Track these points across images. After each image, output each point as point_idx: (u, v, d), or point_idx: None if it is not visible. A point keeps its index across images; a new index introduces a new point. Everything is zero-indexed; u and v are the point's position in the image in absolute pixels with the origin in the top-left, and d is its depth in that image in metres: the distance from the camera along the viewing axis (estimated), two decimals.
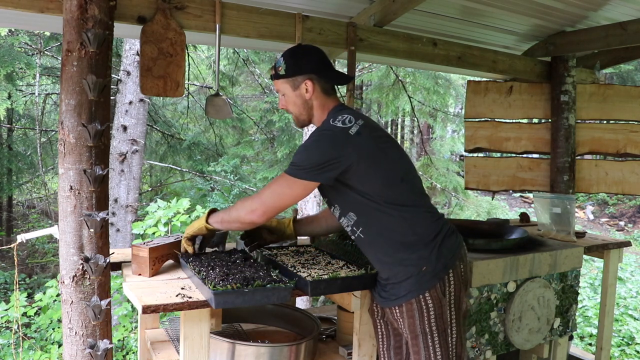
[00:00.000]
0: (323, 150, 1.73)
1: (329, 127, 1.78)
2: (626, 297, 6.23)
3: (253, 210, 1.79)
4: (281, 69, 1.87)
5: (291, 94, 1.89)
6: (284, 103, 1.93)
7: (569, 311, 2.62)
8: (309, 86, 1.86)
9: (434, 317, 1.78)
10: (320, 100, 1.89)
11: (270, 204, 1.78)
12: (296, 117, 1.94)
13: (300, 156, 1.75)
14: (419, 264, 1.77)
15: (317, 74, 1.87)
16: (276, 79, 1.90)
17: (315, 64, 1.87)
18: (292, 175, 1.74)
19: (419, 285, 1.76)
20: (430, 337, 1.79)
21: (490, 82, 3.98)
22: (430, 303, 1.77)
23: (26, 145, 8.13)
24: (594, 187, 3.90)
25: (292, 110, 1.92)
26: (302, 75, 1.86)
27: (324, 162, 1.71)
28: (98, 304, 1.90)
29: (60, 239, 1.94)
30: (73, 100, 1.88)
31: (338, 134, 1.74)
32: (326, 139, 1.75)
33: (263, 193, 1.79)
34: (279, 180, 1.77)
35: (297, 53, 1.89)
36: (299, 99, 1.89)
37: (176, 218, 4.27)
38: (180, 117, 9.44)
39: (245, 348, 1.98)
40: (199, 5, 2.45)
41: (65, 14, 1.90)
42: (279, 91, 1.93)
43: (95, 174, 1.89)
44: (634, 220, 13.29)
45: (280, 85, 1.90)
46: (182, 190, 10.01)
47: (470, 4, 3.10)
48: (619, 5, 3.25)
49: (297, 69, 1.86)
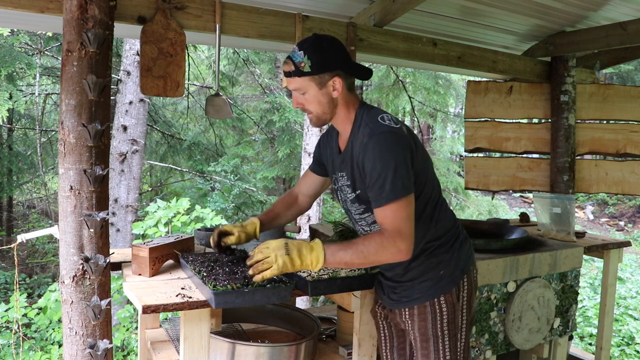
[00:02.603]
0: (402, 156, 1.59)
1: (389, 129, 1.62)
2: (626, 297, 6.23)
3: (400, 251, 1.55)
4: (304, 65, 1.65)
5: (316, 93, 1.69)
6: (302, 102, 1.72)
7: (568, 311, 2.62)
8: (337, 84, 1.68)
9: (447, 322, 1.76)
10: (346, 97, 1.73)
11: (410, 234, 1.57)
12: (317, 117, 1.75)
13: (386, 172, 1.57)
14: (437, 268, 1.75)
15: (344, 70, 1.70)
16: (297, 77, 1.67)
17: (342, 59, 1.70)
18: (401, 198, 1.56)
19: (435, 289, 1.75)
20: (442, 341, 1.77)
21: (490, 82, 3.98)
22: (445, 307, 1.75)
23: (26, 145, 8.13)
24: (594, 187, 3.90)
25: (314, 109, 1.72)
26: (330, 72, 1.67)
27: (407, 167, 1.59)
28: (98, 304, 1.90)
29: (61, 239, 1.94)
30: (73, 100, 1.88)
31: (399, 134, 1.62)
32: (397, 142, 1.60)
33: (398, 227, 1.56)
34: (397, 210, 1.56)
35: (321, 47, 1.68)
36: (325, 97, 1.70)
37: (176, 218, 4.27)
38: (181, 117, 9.44)
39: (245, 348, 1.98)
40: (199, 5, 2.45)
41: (66, 14, 1.90)
42: (298, 89, 1.70)
43: (95, 174, 1.89)
44: (633, 220, 13.29)
45: (302, 83, 1.68)
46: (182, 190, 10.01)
47: (470, 4, 3.10)
48: (619, 5, 3.25)
49: (325, 66, 1.66)
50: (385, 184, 1.55)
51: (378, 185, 1.57)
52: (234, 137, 10.50)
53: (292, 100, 1.77)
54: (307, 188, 2.06)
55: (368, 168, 1.60)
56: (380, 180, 1.56)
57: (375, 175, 1.58)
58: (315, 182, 2.03)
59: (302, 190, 2.07)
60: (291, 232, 2.61)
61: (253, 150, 10.28)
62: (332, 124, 1.80)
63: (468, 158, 4.03)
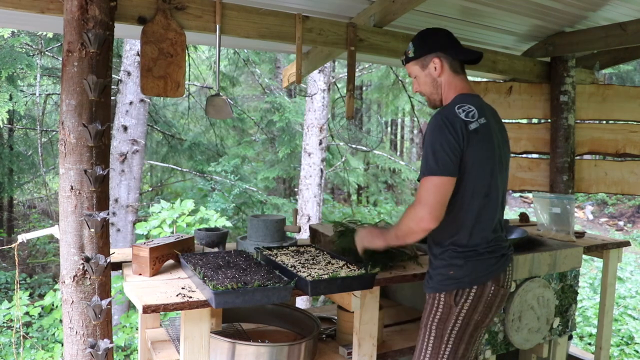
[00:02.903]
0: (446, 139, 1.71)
1: (451, 115, 1.75)
2: (626, 296, 6.23)
3: (421, 218, 1.70)
4: (410, 52, 1.91)
5: (421, 75, 1.91)
6: (417, 86, 1.95)
7: (568, 311, 2.63)
8: (436, 64, 1.87)
9: (438, 319, 1.83)
10: (449, 78, 1.88)
11: (433, 203, 1.70)
12: (428, 98, 1.95)
13: (427, 149, 1.73)
14: (448, 267, 1.82)
15: (444, 51, 1.87)
16: (407, 63, 1.94)
17: (442, 41, 1.88)
18: (435, 175, 1.70)
19: (440, 284, 1.83)
20: (427, 335, 1.85)
21: (490, 82, 3.99)
22: (441, 305, 1.83)
23: (27, 146, 8.13)
24: (594, 187, 3.90)
25: (425, 90, 1.93)
26: (430, 54, 1.87)
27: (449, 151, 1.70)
28: (99, 303, 1.90)
29: (61, 239, 1.94)
30: (74, 101, 1.89)
31: (457, 125, 1.72)
32: (446, 129, 1.72)
33: (423, 197, 1.71)
34: (428, 184, 1.71)
35: (423, 34, 1.92)
36: (429, 78, 1.90)
37: (181, 219, 4.27)
38: (181, 118, 9.44)
39: (245, 348, 1.98)
40: (199, 5, 2.45)
41: (66, 14, 1.91)
42: (411, 75, 1.96)
43: (95, 174, 1.90)
44: (633, 220, 13.28)
45: (411, 68, 1.93)
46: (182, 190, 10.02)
47: (470, 4, 3.10)
48: (618, 5, 3.25)
49: (424, 49, 1.88)
50: (428, 160, 1.71)
51: (423, 160, 1.74)
52: (235, 137, 10.50)
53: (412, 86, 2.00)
54: None
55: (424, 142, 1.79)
56: (426, 155, 1.73)
57: (424, 148, 1.75)
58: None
59: None
60: (291, 231, 2.61)
61: (253, 150, 10.28)
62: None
63: None
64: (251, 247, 2.36)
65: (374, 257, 2.17)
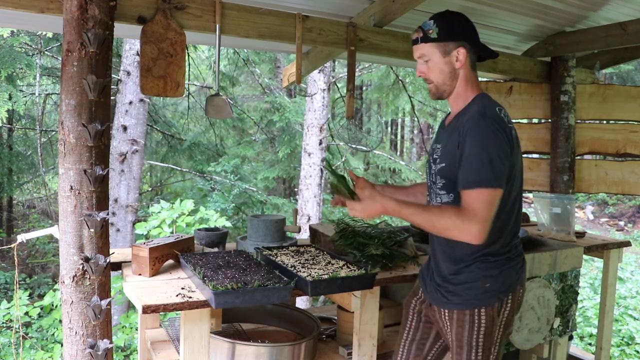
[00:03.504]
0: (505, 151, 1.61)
1: (499, 119, 1.65)
2: (626, 296, 6.23)
3: (472, 233, 1.57)
4: (432, 32, 1.71)
5: (439, 61, 1.73)
6: (425, 70, 1.77)
7: (568, 311, 2.62)
8: (461, 54, 1.72)
9: (483, 334, 1.74)
10: (467, 73, 1.76)
11: (487, 220, 1.58)
12: (436, 87, 1.78)
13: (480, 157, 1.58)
14: (484, 280, 1.73)
15: (470, 43, 1.74)
16: (424, 42, 1.73)
17: (470, 31, 1.75)
18: (492, 187, 1.58)
19: (477, 299, 1.73)
20: (475, 352, 1.75)
21: (490, 82, 3.98)
22: (484, 319, 1.73)
23: (27, 146, 8.13)
24: (594, 187, 3.90)
25: (435, 78, 1.76)
26: (456, 42, 1.72)
27: (506, 163, 1.61)
28: (98, 304, 1.90)
29: (61, 239, 1.94)
30: (73, 101, 1.88)
31: (507, 130, 1.64)
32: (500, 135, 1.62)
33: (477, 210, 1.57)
34: (484, 195, 1.58)
35: (450, 17, 1.74)
36: (447, 66, 1.73)
37: (181, 219, 4.26)
38: (181, 118, 9.44)
39: (245, 348, 1.98)
40: (199, 5, 2.45)
41: (66, 14, 1.90)
42: (423, 56, 1.76)
43: (95, 174, 1.90)
44: (633, 220, 13.29)
45: (427, 50, 1.74)
46: (182, 190, 10.01)
47: (471, 3, 3.10)
48: (618, 5, 3.25)
49: (451, 34, 1.71)
50: (483, 168, 1.57)
51: (474, 166, 1.59)
52: (234, 137, 10.50)
53: (416, 69, 1.82)
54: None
55: (467, 147, 1.61)
56: (473, 162, 1.59)
57: (470, 156, 1.60)
58: None
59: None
60: (291, 231, 2.61)
61: (253, 150, 10.27)
62: (448, 100, 1.80)
63: None
64: (251, 247, 2.35)
65: (373, 257, 2.17)
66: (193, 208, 4.42)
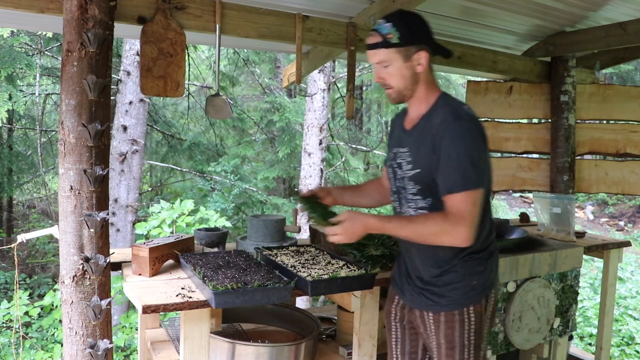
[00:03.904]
0: (484, 151, 1.61)
1: (474, 119, 1.64)
2: (626, 296, 6.22)
3: (461, 236, 1.57)
4: (392, 36, 1.64)
5: (400, 66, 1.68)
6: (384, 76, 1.71)
7: (568, 311, 2.62)
8: (423, 58, 1.68)
9: (474, 331, 1.75)
10: (428, 76, 1.73)
11: (474, 222, 1.59)
12: (397, 92, 1.72)
13: (463, 160, 1.58)
14: (471, 278, 1.73)
15: (430, 46, 1.71)
16: (383, 47, 1.66)
17: (428, 32, 1.71)
18: (476, 189, 1.58)
19: (465, 298, 1.73)
20: (467, 350, 1.75)
21: (490, 82, 3.98)
22: (473, 317, 1.74)
23: (26, 145, 8.12)
24: (594, 187, 3.90)
25: (396, 83, 1.70)
26: (417, 46, 1.67)
27: (484, 164, 1.61)
28: (98, 304, 1.90)
29: (61, 239, 1.94)
30: (73, 101, 1.88)
31: (482, 129, 1.63)
32: (478, 135, 1.61)
33: (464, 213, 1.57)
34: (469, 198, 1.57)
35: (409, 20, 1.68)
36: (409, 71, 1.68)
37: (181, 219, 4.26)
38: (181, 118, 9.44)
39: (245, 348, 1.98)
40: (199, 5, 2.45)
41: (66, 14, 1.90)
42: (382, 62, 1.69)
43: (95, 174, 1.90)
44: (633, 220, 13.28)
45: (387, 55, 1.67)
46: (182, 190, 10.00)
47: (470, 4, 3.10)
48: (619, 5, 3.25)
49: (412, 38, 1.66)
50: (465, 170, 1.56)
51: (453, 171, 1.57)
52: (234, 137, 10.49)
53: (374, 75, 1.77)
54: (386, 182, 2.03)
55: (446, 150, 1.59)
56: (456, 165, 1.57)
57: (452, 159, 1.58)
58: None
59: (384, 183, 2.06)
60: (291, 231, 2.61)
61: (253, 150, 10.27)
62: (408, 102, 1.78)
63: None
64: (251, 247, 2.35)
65: (373, 257, 2.17)
66: (193, 208, 4.42)
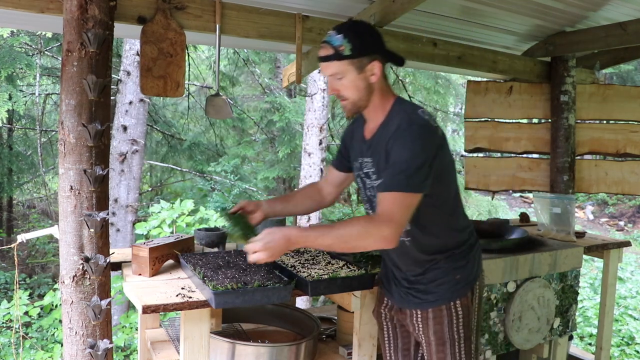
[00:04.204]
0: (430, 154, 1.58)
1: (427, 124, 1.61)
2: (626, 296, 6.23)
3: (385, 237, 1.53)
4: (344, 48, 1.61)
5: (354, 77, 1.65)
6: (338, 87, 1.68)
7: (568, 311, 2.62)
8: (376, 68, 1.66)
9: (462, 325, 1.77)
10: (382, 84, 1.71)
11: (401, 223, 1.55)
12: (353, 103, 1.70)
13: (409, 163, 1.55)
14: (454, 273, 1.76)
15: (382, 55, 1.69)
16: (336, 60, 1.64)
17: (379, 41, 1.69)
18: (411, 192, 1.55)
19: (451, 293, 1.75)
20: (458, 344, 1.77)
21: (490, 82, 3.98)
22: (460, 311, 1.76)
23: (26, 145, 8.12)
24: (594, 187, 3.90)
25: (350, 95, 1.68)
26: (369, 56, 1.65)
27: (430, 168, 1.57)
28: (98, 304, 1.90)
29: (61, 239, 1.94)
30: (73, 101, 1.88)
31: (434, 132, 1.61)
32: (430, 139, 1.60)
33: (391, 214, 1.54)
34: (400, 200, 1.54)
35: (360, 31, 1.66)
36: (363, 82, 1.66)
37: (181, 219, 4.26)
38: (181, 118, 9.44)
39: (245, 348, 1.98)
40: (199, 5, 2.45)
41: (66, 14, 1.90)
42: (335, 74, 1.66)
43: (95, 174, 1.90)
44: (633, 220, 13.28)
45: (340, 67, 1.64)
46: (182, 190, 10.01)
47: (470, 4, 3.10)
48: (619, 5, 3.25)
49: (365, 49, 1.64)
50: (402, 173, 1.54)
51: (395, 172, 1.56)
52: (234, 137, 10.49)
53: (328, 87, 1.77)
54: (330, 182, 2.05)
55: (395, 153, 1.58)
56: (399, 167, 1.55)
57: (398, 160, 1.56)
58: (337, 177, 2.03)
59: (326, 184, 2.06)
60: None
61: (253, 150, 10.27)
62: (364, 112, 1.76)
63: (468, 158, 4.03)
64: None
65: (373, 257, 2.17)
66: (193, 208, 4.42)
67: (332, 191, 2.06)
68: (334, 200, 2.08)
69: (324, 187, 2.07)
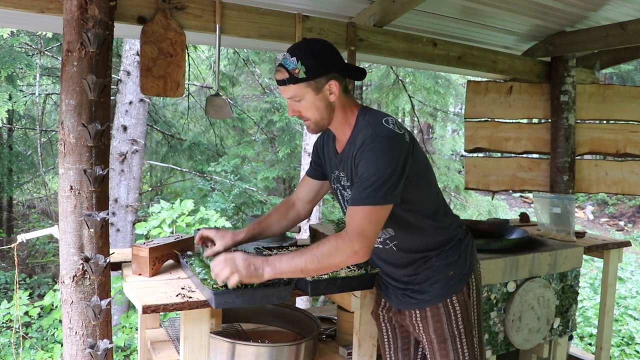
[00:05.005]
0: (397, 163, 1.55)
1: (392, 134, 1.58)
2: (626, 296, 6.23)
3: (356, 252, 1.53)
4: (299, 71, 1.59)
5: (312, 99, 1.64)
6: (298, 109, 1.67)
7: (568, 311, 2.62)
8: (334, 87, 1.64)
9: (461, 320, 1.77)
10: (342, 101, 1.69)
11: (371, 237, 1.56)
12: (315, 123, 1.70)
13: (377, 176, 1.54)
14: (447, 270, 1.76)
15: (339, 72, 1.66)
16: (292, 84, 1.61)
17: (335, 61, 1.65)
18: (378, 205, 1.54)
19: (446, 290, 1.76)
20: (459, 340, 1.78)
21: (490, 82, 3.98)
22: (457, 306, 1.76)
23: (27, 145, 8.13)
24: (594, 187, 3.90)
25: (311, 116, 1.67)
26: (326, 76, 1.62)
27: (398, 176, 1.56)
28: (98, 304, 1.90)
29: (61, 239, 1.94)
30: (73, 101, 1.88)
31: (399, 140, 1.58)
32: (395, 148, 1.57)
33: (360, 229, 1.54)
34: (368, 214, 1.54)
35: (313, 51, 1.63)
36: (322, 102, 1.65)
37: (181, 219, 4.27)
38: (181, 118, 9.44)
39: (245, 348, 1.98)
40: (199, 5, 2.45)
41: (66, 14, 1.90)
42: (294, 97, 1.65)
43: (95, 174, 1.89)
44: (633, 220, 13.28)
45: (297, 90, 1.62)
46: (182, 190, 10.01)
47: (470, 4, 3.10)
48: (619, 5, 3.25)
49: (320, 70, 1.61)
50: (369, 187, 1.54)
51: (363, 186, 1.55)
52: (234, 137, 10.49)
53: (288, 109, 1.73)
54: (305, 194, 2.01)
55: (362, 168, 1.58)
56: (367, 182, 1.55)
57: (365, 175, 1.56)
58: (313, 186, 1.99)
59: (300, 197, 2.02)
60: (291, 231, 2.61)
61: (253, 150, 10.27)
62: (330, 128, 1.76)
63: (468, 158, 4.03)
64: (251, 247, 2.35)
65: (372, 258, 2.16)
66: (193, 208, 4.42)
67: (307, 204, 2.02)
68: (310, 212, 2.05)
69: (297, 202, 2.03)
